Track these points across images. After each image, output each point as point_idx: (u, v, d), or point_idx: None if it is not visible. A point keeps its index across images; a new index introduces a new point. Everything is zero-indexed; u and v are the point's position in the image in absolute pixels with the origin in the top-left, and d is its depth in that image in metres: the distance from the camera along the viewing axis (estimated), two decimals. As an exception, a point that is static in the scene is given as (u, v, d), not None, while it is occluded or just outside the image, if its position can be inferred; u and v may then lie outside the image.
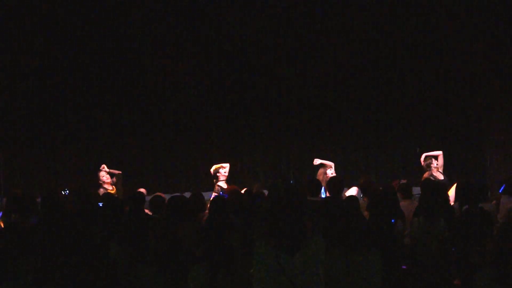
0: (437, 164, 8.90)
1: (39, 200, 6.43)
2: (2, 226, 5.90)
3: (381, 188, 6.69)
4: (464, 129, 11.45)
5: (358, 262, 4.02)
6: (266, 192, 7.40)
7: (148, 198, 6.64)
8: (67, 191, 8.58)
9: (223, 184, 8.95)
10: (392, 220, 5.28)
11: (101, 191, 8.68)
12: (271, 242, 3.53)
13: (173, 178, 11.74)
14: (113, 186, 9.08)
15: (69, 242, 4.52)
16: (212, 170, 9.21)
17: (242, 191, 7.32)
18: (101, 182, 8.98)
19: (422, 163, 8.93)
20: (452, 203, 6.92)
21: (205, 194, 7.19)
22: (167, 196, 6.38)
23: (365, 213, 5.77)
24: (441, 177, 8.87)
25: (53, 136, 11.27)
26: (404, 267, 5.27)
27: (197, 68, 11.64)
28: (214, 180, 9.08)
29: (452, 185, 8.14)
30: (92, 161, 11.41)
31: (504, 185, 6.70)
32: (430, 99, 11.56)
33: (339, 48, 11.67)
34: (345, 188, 7.36)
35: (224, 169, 9.02)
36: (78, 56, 11.21)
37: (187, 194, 7.06)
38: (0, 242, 4.07)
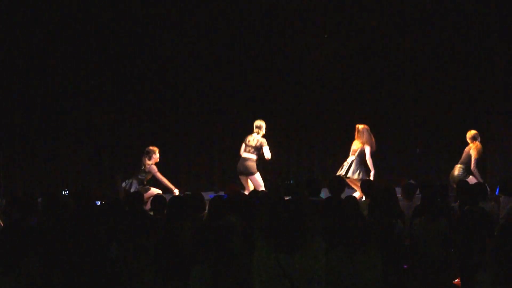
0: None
1: (39, 200, 6.45)
2: (1, 223, 5.91)
3: (381, 187, 6.69)
4: (464, 130, 11.45)
5: (359, 262, 4.03)
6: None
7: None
8: (67, 192, 8.61)
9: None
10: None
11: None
12: (271, 242, 3.54)
13: (173, 178, 11.74)
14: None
15: (69, 242, 4.53)
16: None
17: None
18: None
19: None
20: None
21: (204, 194, 7.21)
22: (167, 196, 6.39)
23: (365, 213, 5.78)
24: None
25: (53, 136, 11.28)
26: (405, 266, 5.28)
27: (196, 69, 11.65)
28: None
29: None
30: (92, 161, 11.43)
31: (498, 187, 6.72)
32: (431, 99, 11.56)
33: (339, 47, 11.67)
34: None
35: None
36: (78, 55, 11.21)
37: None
38: (1, 241, 4.08)
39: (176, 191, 9.02)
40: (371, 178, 9.06)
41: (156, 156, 9.11)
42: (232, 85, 11.73)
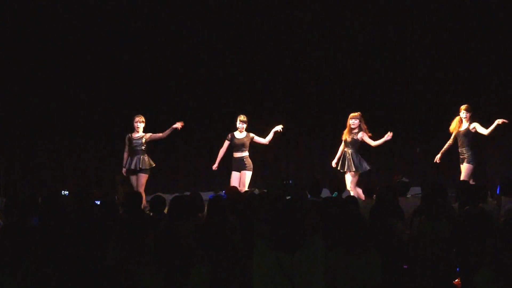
0: None
1: (39, 200, 6.45)
2: (2, 223, 5.92)
3: (384, 187, 6.70)
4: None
5: (358, 261, 4.03)
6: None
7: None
8: (67, 192, 8.60)
9: (237, 134, 9.44)
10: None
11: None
12: (271, 242, 3.54)
13: (173, 178, 11.77)
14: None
15: (69, 241, 4.53)
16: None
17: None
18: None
19: None
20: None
21: (204, 194, 7.23)
22: (167, 196, 6.40)
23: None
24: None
25: (53, 137, 11.30)
26: (405, 266, 5.28)
27: (197, 69, 11.67)
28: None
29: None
30: (92, 162, 11.45)
31: (499, 186, 6.73)
32: (430, 99, 11.57)
33: (337, 46, 11.69)
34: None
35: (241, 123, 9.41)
36: (78, 56, 11.22)
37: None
38: (0, 241, 4.09)
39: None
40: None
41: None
42: (232, 86, 11.74)
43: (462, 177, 8.94)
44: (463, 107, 9.29)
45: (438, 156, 9.38)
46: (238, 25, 11.62)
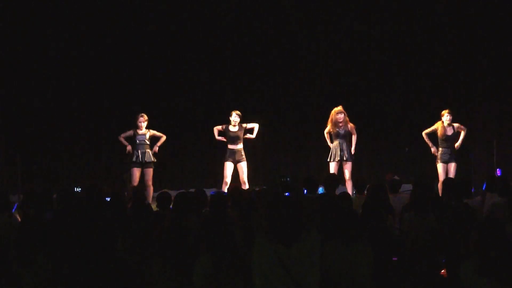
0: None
1: (54, 196, 6.47)
2: (19, 218, 5.94)
3: (375, 184, 6.72)
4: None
5: (351, 254, 4.05)
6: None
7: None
8: (80, 188, 8.62)
9: (231, 128, 9.40)
10: None
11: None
12: (270, 236, 3.56)
13: (179, 175, 11.78)
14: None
15: (81, 235, 4.54)
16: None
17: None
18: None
19: None
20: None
21: (207, 191, 7.24)
22: (172, 192, 6.42)
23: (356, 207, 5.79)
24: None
25: (67, 137, 11.32)
26: (395, 258, 5.29)
27: (200, 69, 11.66)
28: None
29: None
30: (102, 160, 11.48)
31: (485, 183, 6.77)
32: (418, 99, 11.56)
33: (335, 46, 11.66)
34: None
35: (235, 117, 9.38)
36: (90, 56, 11.22)
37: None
38: (18, 235, 4.10)
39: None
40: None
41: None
42: (233, 84, 11.73)
43: (451, 175, 9.02)
44: (446, 111, 9.32)
45: (434, 149, 9.40)
46: (238, 24, 11.60)
